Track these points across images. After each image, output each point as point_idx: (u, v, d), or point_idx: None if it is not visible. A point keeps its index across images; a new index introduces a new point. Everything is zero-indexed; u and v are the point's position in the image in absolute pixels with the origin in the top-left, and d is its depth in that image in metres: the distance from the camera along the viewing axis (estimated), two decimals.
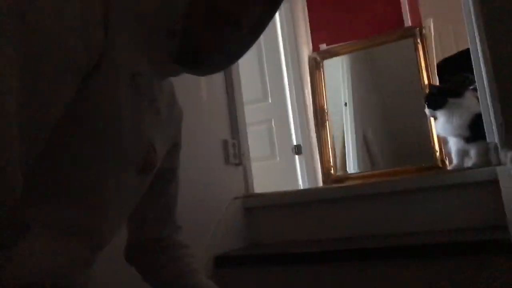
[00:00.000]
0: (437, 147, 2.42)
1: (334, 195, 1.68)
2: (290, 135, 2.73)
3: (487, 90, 1.48)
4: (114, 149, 0.60)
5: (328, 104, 2.75)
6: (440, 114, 1.89)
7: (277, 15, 2.73)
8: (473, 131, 1.75)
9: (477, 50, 1.58)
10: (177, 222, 0.89)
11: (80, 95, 0.54)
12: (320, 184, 2.67)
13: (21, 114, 0.47)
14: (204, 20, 0.63)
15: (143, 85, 0.63)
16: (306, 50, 2.84)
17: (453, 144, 1.88)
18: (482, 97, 1.60)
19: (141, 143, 0.65)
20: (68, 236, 0.59)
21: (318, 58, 2.79)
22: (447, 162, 2.37)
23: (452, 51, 3.04)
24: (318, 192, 1.86)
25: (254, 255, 1.52)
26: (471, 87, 2.74)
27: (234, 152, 1.77)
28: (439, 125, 1.92)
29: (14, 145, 0.47)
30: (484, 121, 1.60)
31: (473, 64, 1.70)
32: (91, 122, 0.57)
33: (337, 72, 2.81)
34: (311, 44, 2.90)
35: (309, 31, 2.92)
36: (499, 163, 1.44)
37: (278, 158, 2.75)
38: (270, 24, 0.71)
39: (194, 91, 1.62)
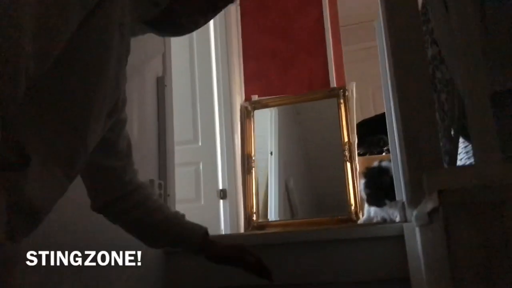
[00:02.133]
0: (352, 201, 2.57)
1: (254, 241, 1.72)
2: (217, 179, 2.76)
3: (398, 151, 1.65)
4: (101, 85, 0.68)
5: (255, 152, 2.84)
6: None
7: (213, 61, 2.84)
8: None
9: (391, 114, 1.76)
10: (134, 167, 0.96)
11: (78, 33, 0.61)
12: (242, 229, 2.70)
13: (34, 40, 0.53)
14: (192, 4, 0.80)
15: (126, 36, 0.73)
16: (238, 99, 2.94)
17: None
18: (394, 158, 1.77)
19: (117, 86, 0.74)
20: (54, 163, 0.67)
21: (250, 108, 2.91)
22: (360, 215, 2.53)
23: (371, 113, 3.33)
24: (239, 238, 1.89)
25: None
26: (385, 148, 3.01)
27: (160, 193, 1.76)
28: (373, 211, 2.06)
29: (27, 53, 0.52)
30: (394, 180, 1.76)
31: (387, 126, 1.88)
32: (86, 59, 0.65)
33: (266, 122, 2.94)
34: (243, 94, 3.02)
35: (243, 81, 3.05)
36: (406, 220, 1.58)
37: (202, 201, 2.75)
38: (206, 70, 0.85)
39: (127, 127, 1.61)
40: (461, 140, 1.37)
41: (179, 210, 1.89)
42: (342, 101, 2.75)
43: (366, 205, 2.09)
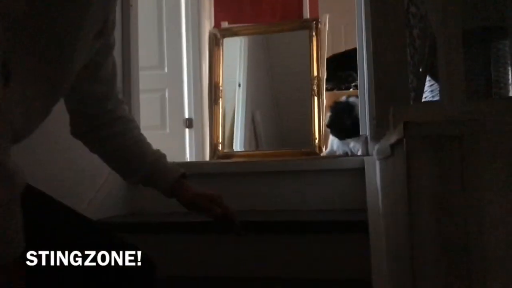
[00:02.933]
0: (317, 135, 2.62)
1: (218, 169, 1.75)
2: (183, 107, 2.72)
3: (366, 87, 1.66)
4: (86, 14, 0.68)
5: (223, 82, 2.79)
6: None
7: None
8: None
9: (363, 49, 1.75)
10: (118, 97, 0.96)
11: None
12: (207, 159, 2.72)
13: None
14: None
15: None
16: (207, 25, 2.83)
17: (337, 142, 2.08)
18: (361, 93, 1.78)
19: (104, 11, 0.75)
20: (39, 84, 0.67)
21: (219, 35, 2.81)
22: (324, 149, 2.60)
23: (341, 48, 3.30)
24: (204, 166, 1.91)
25: (135, 223, 1.51)
26: (353, 84, 3.03)
27: None
28: (336, 144, 2.08)
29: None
30: (360, 115, 1.79)
31: (358, 62, 1.87)
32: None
33: (235, 52, 2.86)
34: (213, 20, 2.90)
35: (212, 7, 2.91)
36: (367, 154, 1.64)
37: (168, 129, 2.72)
38: None
39: None
40: (427, 78, 1.39)
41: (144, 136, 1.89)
42: (314, 33, 2.70)
43: (330, 139, 2.13)
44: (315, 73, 2.67)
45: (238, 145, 2.82)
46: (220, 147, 2.74)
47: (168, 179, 1.02)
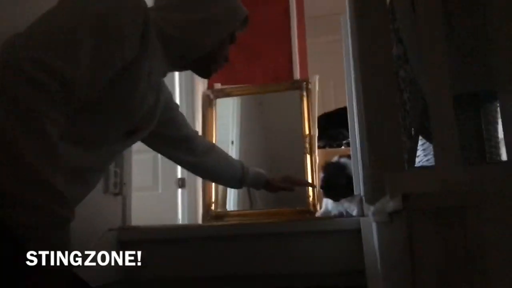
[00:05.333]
0: (310, 193, 2.60)
1: (211, 233, 1.70)
2: (175, 167, 2.70)
3: (357, 147, 1.67)
4: (125, 115, 0.97)
5: (217, 141, 2.80)
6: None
7: None
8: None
9: (353, 108, 1.78)
10: (194, 132, 1.38)
11: (116, 78, 0.89)
12: (200, 219, 2.67)
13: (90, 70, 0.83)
14: (215, 52, 1.10)
15: (153, 80, 1.00)
16: (201, 87, 2.88)
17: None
18: (353, 152, 1.79)
19: (138, 115, 1.01)
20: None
21: (212, 96, 2.86)
22: (318, 207, 2.56)
23: (331, 107, 3.37)
24: (196, 229, 1.86)
25: None
26: (344, 142, 3.05)
27: (115, 181, 1.69)
28: (330, 205, 2.08)
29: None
30: (353, 174, 1.78)
31: (348, 121, 1.90)
32: (118, 97, 0.92)
33: (228, 111, 2.90)
34: (206, 82, 2.96)
35: None
36: (363, 215, 1.61)
37: (160, 190, 2.69)
38: None
39: None
40: (419, 138, 1.40)
41: (135, 198, 1.86)
42: (304, 93, 2.76)
43: (324, 199, 2.12)
44: (307, 131, 2.70)
45: (231, 204, 2.77)
46: (213, 207, 2.70)
47: (261, 178, 1.55)
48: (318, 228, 1.62)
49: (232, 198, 2.78)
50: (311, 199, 2.59)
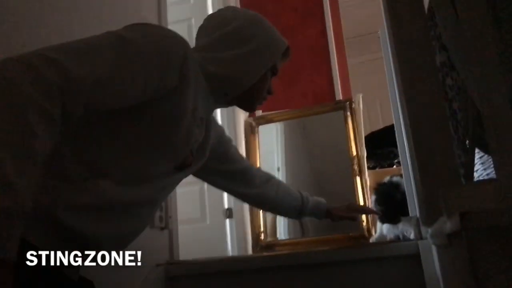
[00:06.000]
0: (364, 217, 2.48)
1: (262, 264, 1.64)
2: (222, 197, 2.69)
3: (409, 165, 1.57)
4: (170, 151, 0.96)
5: (262, 167, 2.77)
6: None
7: None
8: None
9: (400, 125, 1.69)
10: (250, 165, 1.38)
11: (159, 112, 0.90)
12: (250, 249, 2.61)
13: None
14: (257, 93, 1.10)
15: (198, 115, 0.99)
16: (242, 115, 2.88)
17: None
18: (405, 171, 1.69)
19: (185, 150, 0.99)
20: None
21: (254, 123, 2.84)
22: (372, 232, 2.43)
23: (379, 125, 3.25)
24: (246, 261, 1.81)
25: None
26: (396, 161, 2.92)
27: (161, 215, 1.69)
28: (385, 228, 1.98)
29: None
30: (407, 195, 1.67)
31: (397, 139, 1.80)
32: (162, 133, 0.92)
33: (272, 137, 2.87)
34: None
35: None
36: (421, 238, 1.49)
37: (208, 221, 2.67)
38: None
39: None
40: (475, 150, 1.29)
41: (183, 231, 1.84)
42: (348, 113, 2.67)
43: (378, 222, 1.99)
44: (354, 153, 2.60)
45: (282, 232, 2.70)
46: (262, 236, 2.63)
47: (322, 207, 1.50)
48: (374, 255, 1.52)
49: (282, 226, 2.71)
50: (364, 223, 2.46)
